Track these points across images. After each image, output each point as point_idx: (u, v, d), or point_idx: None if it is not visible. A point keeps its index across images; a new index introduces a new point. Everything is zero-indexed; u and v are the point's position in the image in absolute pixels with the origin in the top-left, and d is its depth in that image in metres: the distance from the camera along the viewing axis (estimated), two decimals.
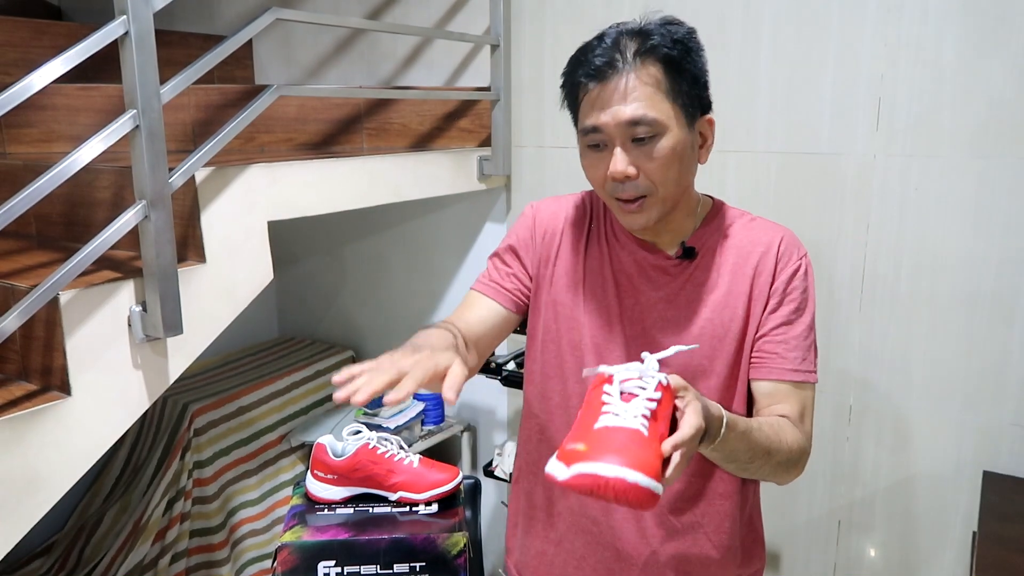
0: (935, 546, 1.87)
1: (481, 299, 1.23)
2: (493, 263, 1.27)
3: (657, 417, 0.82)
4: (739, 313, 1.13)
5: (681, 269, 1.15)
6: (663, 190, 1.06)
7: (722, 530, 1.19)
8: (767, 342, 1.13)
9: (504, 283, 1.24)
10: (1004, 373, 1.73)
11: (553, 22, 2.18)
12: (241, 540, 2.37)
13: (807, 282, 1.15)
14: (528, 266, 1.24)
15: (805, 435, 1.11)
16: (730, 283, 1.14)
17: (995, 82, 1.65)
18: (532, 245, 1.24)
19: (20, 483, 1.14)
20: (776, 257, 1.14)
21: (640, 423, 0.80)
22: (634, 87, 1.02)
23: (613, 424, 0.80)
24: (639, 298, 1.16)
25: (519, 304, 1.24)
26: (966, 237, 1.73)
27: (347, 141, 2.12)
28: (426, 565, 1.18)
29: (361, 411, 2.49)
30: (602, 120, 1.03)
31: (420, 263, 2.63)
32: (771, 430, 1.04)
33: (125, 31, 1.17)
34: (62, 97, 1.78)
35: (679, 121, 1.05)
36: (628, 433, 0.79)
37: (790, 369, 1.12)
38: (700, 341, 1.13)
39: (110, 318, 1.26)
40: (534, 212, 1.26)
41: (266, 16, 1.48)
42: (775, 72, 1.88)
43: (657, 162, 1.04)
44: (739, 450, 0.99)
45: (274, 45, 2.77)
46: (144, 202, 1.23)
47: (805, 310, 1.14)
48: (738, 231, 1.17)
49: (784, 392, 1.12)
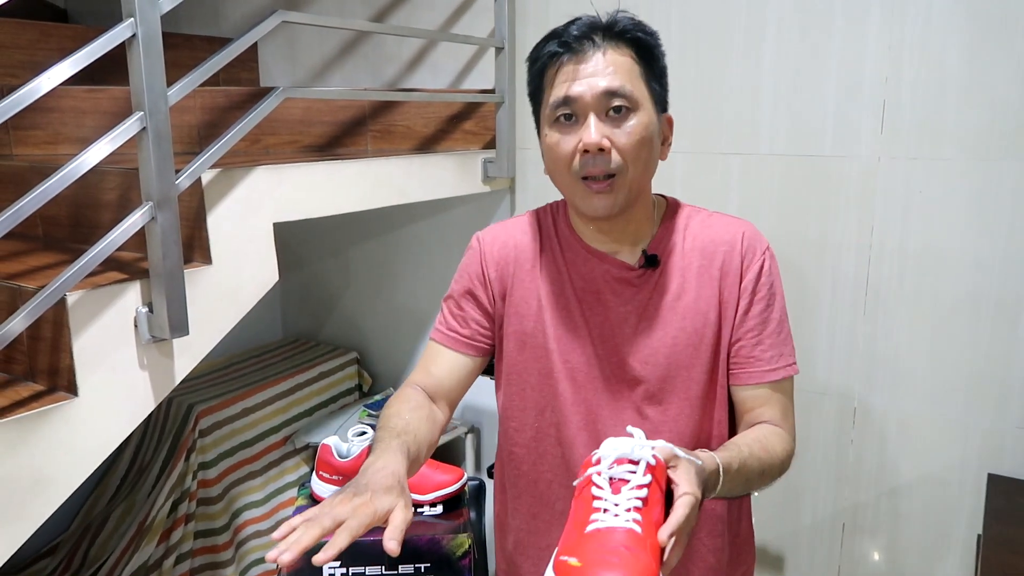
0: (939, 549, 1.86)
1: (443, 351, 1.20)
2: (448, 308, 1.23)
3: (649, 502, 0.80)
4: (711, 318, 1.11)
5: (645, 279, 1.13)
6: (633, 170, 1.04)
7: (715, 532, 1.18)
8: (742, 347, 1.11)
9: (462, 331, 1.20)
10: (1008, 376, 1.73)
11: (557, 24, 2.18)
12: (245, 541, 2.38)
13: (773, 275, 1.13)
14: (485, 303, 1.20)
15: (789, 433, 1.11)
16: (697, 287, 1.12)
17: (999, 85, 1.65)
18: (484, 281, 1.20)
19: (27, 483, 1.15)
20: (741, 254, 1.12)
21: (632, 519, 0.78)
22: (611, 60, 1.03)
23: (605, 526, 0.78)
24: (607, 315, 1.13)
25: (481, 348, 1.21)
26: (970, 239, 1.72)
27: (352, 143, 2.12)
28: (431, 566, 1.18)
29: (366, 412, 2.50)
30: (576, 91, 1.02)
31: (424, 265, 2.64)
32: (761, 450, 1.03)
33: (133, 33, 1.17)
34: (69, 99, 1.78)
35: (651, 105, 1.05)
36: (621, 536, 0.77)
37: (768, 370, 1.11)
38: (675, 350, 1.11)
39: (117, 319, 1.26)
40: (480, 245, 1.23)
41: (273, 18, 1.48)
42: (779, 75, 1.89)
43: (631, 138, 1.03)
44: (737, 485, 0.99)
45: (279, 47, 2.78)
46: (151, 204, 1.24)
47: (774, 304, 1.12)
48: (697, 230, 1.14)
49: (765, 395, 1.11)
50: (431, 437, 1.10)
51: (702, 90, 1.98)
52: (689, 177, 2.02)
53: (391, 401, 1.14)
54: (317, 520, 0.84)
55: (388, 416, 1.09)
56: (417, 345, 2.70)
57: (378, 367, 2.85)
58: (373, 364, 2.86)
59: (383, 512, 0.86)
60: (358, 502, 0.86)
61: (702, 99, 1.99)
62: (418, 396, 1.15)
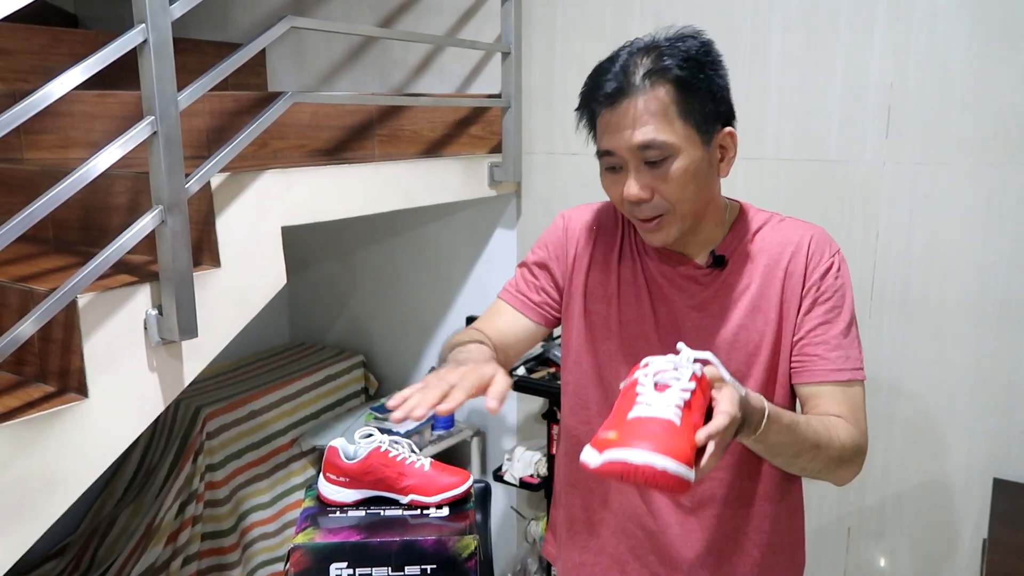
0: (945, 553, 1.86)
1: (509, 310, 1.24)
2: (522, 273, 1.26)
3: (691, 407, 0.82)
4: (772, 316, 1.12)
5: (712, 278, 1.14)
6: (681, 208, 1.06)
7: (763, 530, 1.19)
8: (806, 345, 1.11)
9: (532, 296, 1.24)
10: (1014, 380, 1.72)
11: (564, 30, 2.20)
12: (252, 543, 2.39)
13: (842, 278, 1.13)
14: (558, 278, 1.23)
15: (860, 432, 1.08)
16: (761, 287, 1.13)
17: (1004, 90, 1.65)
18: (563, 257, 1.23)
19: (38, 484, 1.16)
20: (807, 257, 1.12)
21: (673, 412, 0.80)
22: (643, 111, 1.01)
23: (646, 415, 0.81)
24: (672, 308, 1.16)
25: (547, 317, 1.24)
26: (975, 244, 1.73)
27: (359, 147, 2.14)
28: (437, 568, 1.19)
29: (372, 415, 2.51)
30: (613, 145, 1.04)
31: (431, 269, 2.65)
32: (821, 425, 1.02)
33: (144, 39, 1.19)
34: (79, 104, 1.80)
35: (692, 141, 1.03)
36: (660, 423, 0.80)
37: (833, 370, 1.10)
38: (735, 347, 1.12)
39: (127, 321, 1.28)
40: (565, 223, 1.25)
41: (282, 24, 1.50)
42: (784, 80, 1.89)
43: (672, 183, 1.03)
44: (784, 443, 0.97)
45: (287, 52, 2.80)
46: (161, 207, 1.25)
47: (843, 307, 1.12)
48: (767, 233, 1.16)
49: (830, 394, 1.10)
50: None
51: None
52: None
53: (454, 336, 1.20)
54: (432, 385, 0.90)
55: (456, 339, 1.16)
56: (423, 348, 2.71)
57: (384, 370, 2.86)
58: (379, 367, 2.87)
59: (488, 376, 0.93)
60: (464, 369, 0.94)
61: None
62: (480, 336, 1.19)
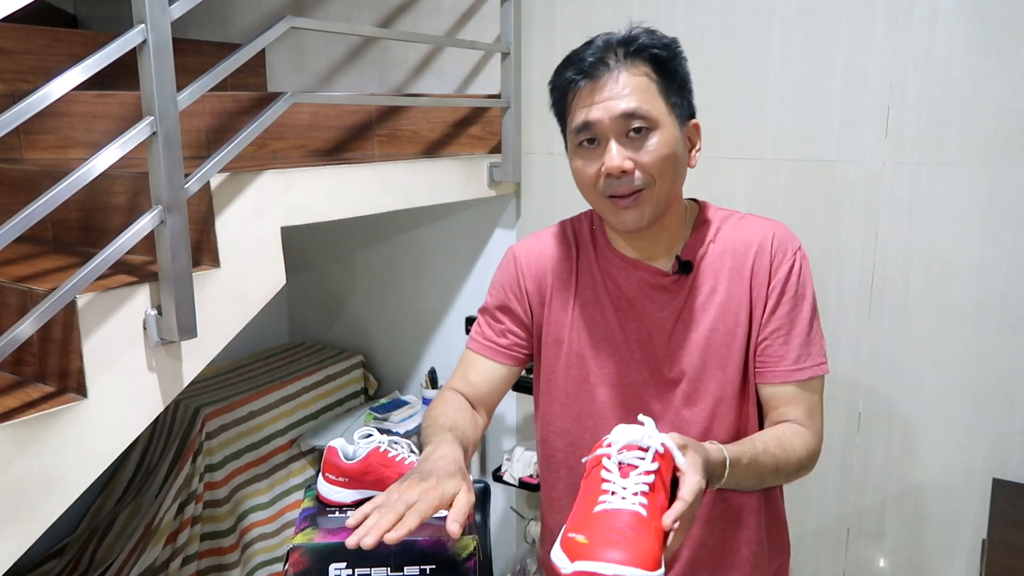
0: (944, 554, 1.86)
1: (480, 360, 1.24)
2: (485, 320, 1.26)
3: (656, 488, 0.84)
4: (742, 318, 1.12)
5: (680, 284, 1.14)
6: (660, 184, 1.06)
7: (749, 525, 1.20)
8: (768, 345, 1.12)
9: (499, 341, 1.23)
10: (1013, 380, 1.73)
11: (563, 30, 2.20)
12: (251, 543, 2.39)
13: (804, 274, 1.14)
14: (522, 316, 1.23)
15: (815, 433, 1.11)
16: (729, 288, 1.13)
17: (1004, 90, 1.65)
18: (520, 294, 1.23)
19: (37, 484, 1.16)
20: (771, 255, 1.13)
21: (639, 503, 0.81)
22: (627, 82, 1.03)
23: (613, 507, 0.82)
24: (644, 321, 1.15)
25: (518, 357, 1.25)
26: (975, 244, 1.73)
27: (359, 147, 2.14)
28: (436, 568, 1.19)
29: (371, 415, 2.51)
30: (595, 116, 1.03)
31: (430, 269, 2.65)
32: (778, 448, 1.04)
33: (143, 39, 1.19)
34: (79, 104, 1.80)
35: (671, 120, 1.05)
36: (627, 517, 0.80)
37: (793, 369, 1.11)
38: (708, 351, 1.13)
39: (126, 321, 1.27)
40: (515, 258, 1.25)
41: (281, 24, 1.50)
42: (784, 80, 1.89)
43: (653, 156, 1.04)
44: (746, 478, 1.00)
45: (286, 52, 2.80)
46: (160, 207, 1.25)
47: (803, 304, 1.13)
48: (730, 233, 1.16)
49: (790, 394, 1.12)
50: (475, 437, 1.14)
51: (708, 95, 1.96)
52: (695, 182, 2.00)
53: (434, 404, 1.19)
54: (390, 505, 0.89)
55: (435, 416, 1.14)
56: (423, 348, 2.71)
57: (384, 370, 2.86)
58: (379, 367, 2.87)
59: (449, 495, 0.91)
60: (426, 486, 0.91)
61: (708, 104, 1.96)
62: (460, 399, 1.19)
